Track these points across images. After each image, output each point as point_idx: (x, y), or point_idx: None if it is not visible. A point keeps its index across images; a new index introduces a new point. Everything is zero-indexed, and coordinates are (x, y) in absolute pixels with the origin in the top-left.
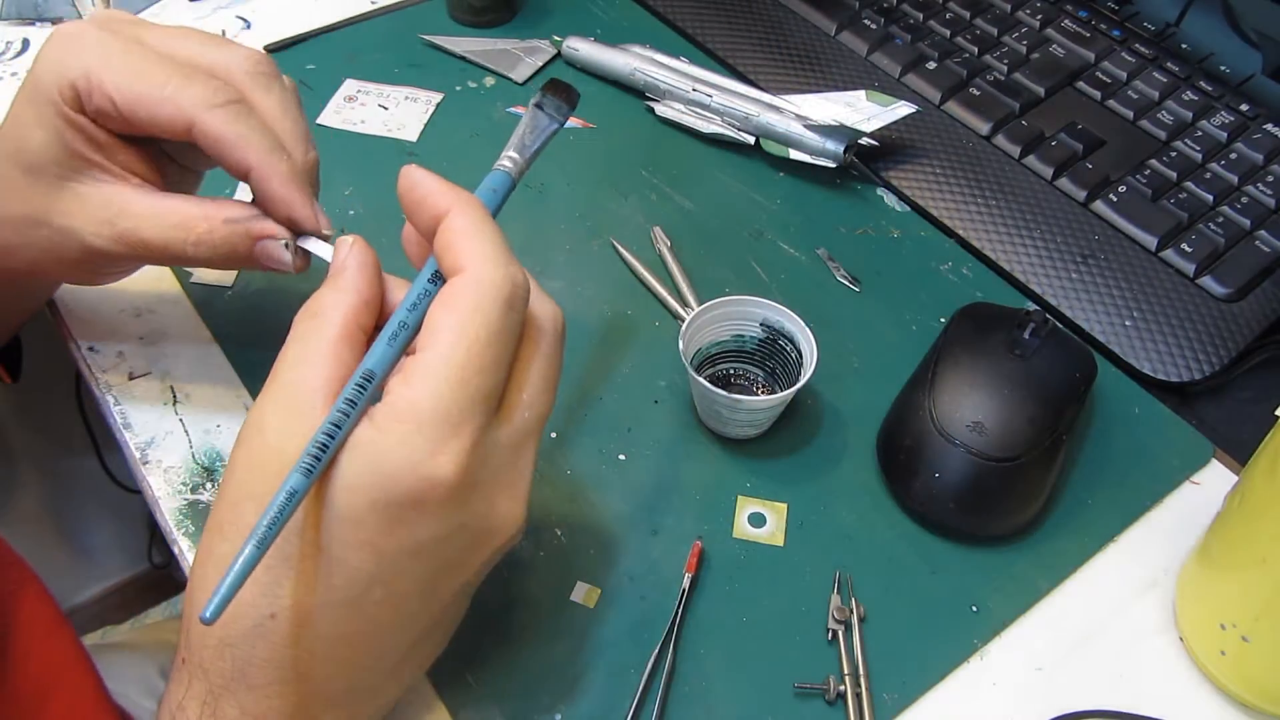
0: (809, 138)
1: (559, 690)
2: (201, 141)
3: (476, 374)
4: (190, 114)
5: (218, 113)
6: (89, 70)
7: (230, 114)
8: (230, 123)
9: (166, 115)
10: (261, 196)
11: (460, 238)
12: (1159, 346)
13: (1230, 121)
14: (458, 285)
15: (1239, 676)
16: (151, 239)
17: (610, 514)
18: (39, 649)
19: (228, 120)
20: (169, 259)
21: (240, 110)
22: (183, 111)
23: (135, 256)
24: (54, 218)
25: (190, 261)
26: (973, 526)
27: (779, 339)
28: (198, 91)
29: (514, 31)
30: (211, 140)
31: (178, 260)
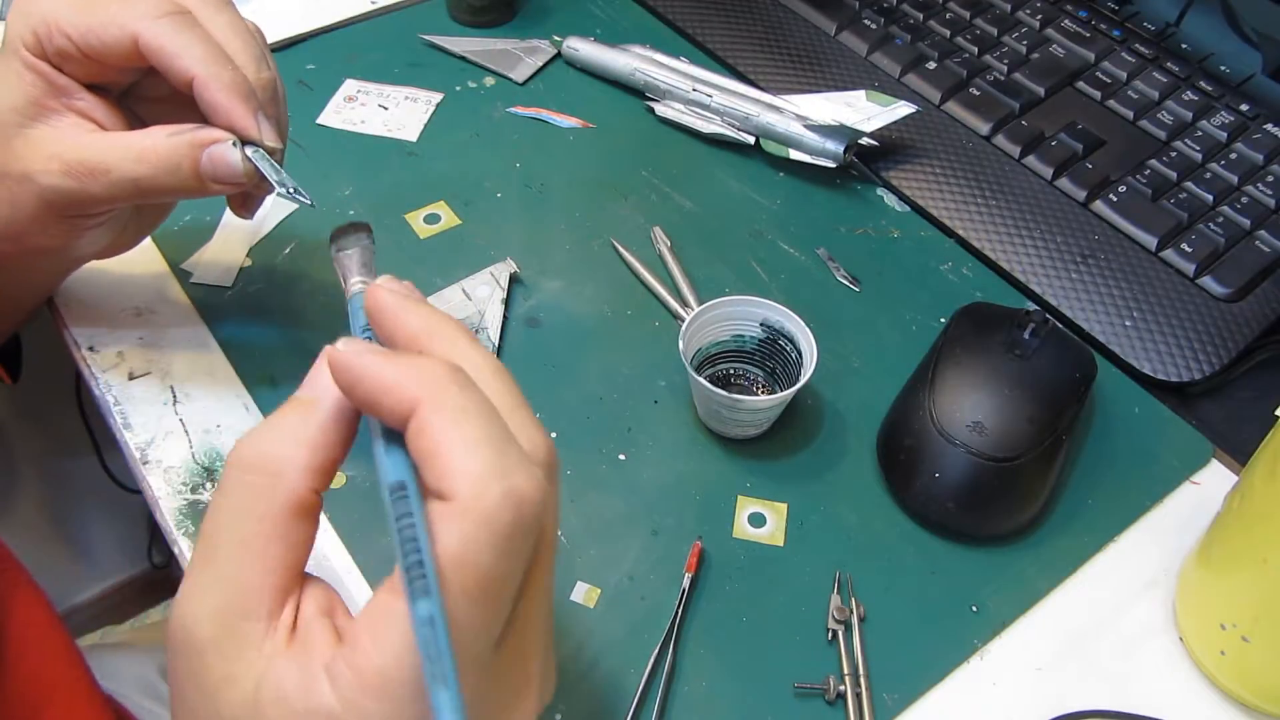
0: (809, 138)
1: (559, 690)
2: (147, 55)
3: (473, 635)
4: (133, 28)
5: (160, 23)
6: (45, 14)
7: (172, 24)
8: (172, 33)
9: (113, 36)
10: (204, 106)
11: (440, 447)
12: (1159, 346)
13: (1230, 121)
14: (437, 518)
15: (1239, 676)
16: (96, 163)
17: (610, 514)
18: (34, 652)
19: (169, 30)
20: (123, 188)
21: (183, 21)
22: (125, 28)
23: (90, 193)
24: (10, 165)
25: (145, 188)
26: (973, 526)
27: (779, 339)
28: (139, 6)
29: (514, 31)
30: (154, 52)
31: (133, 188)
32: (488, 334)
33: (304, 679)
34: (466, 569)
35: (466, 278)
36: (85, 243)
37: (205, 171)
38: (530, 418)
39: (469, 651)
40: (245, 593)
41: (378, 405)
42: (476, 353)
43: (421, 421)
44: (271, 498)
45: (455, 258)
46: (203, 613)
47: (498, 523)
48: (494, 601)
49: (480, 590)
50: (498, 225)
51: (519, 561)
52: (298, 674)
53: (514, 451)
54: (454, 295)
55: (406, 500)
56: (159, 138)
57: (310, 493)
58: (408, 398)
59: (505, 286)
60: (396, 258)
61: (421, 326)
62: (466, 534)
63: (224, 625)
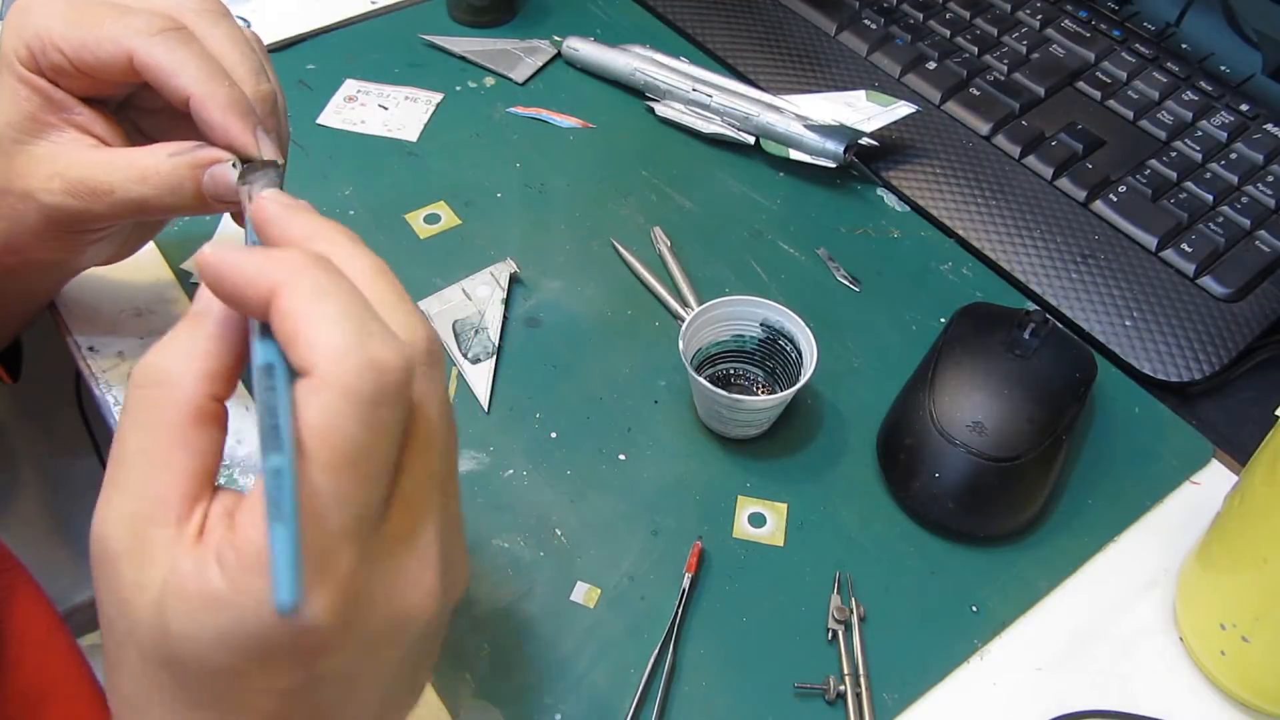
0: (809, 138)
1: (559, 690)
2: (142, 73)
3: (338, 505)
4: (128, 45)
5: (155, 40)
6: (38, 29)
7: (167, 41)
8: (166, 50)
9: (107, 53)
10: (202, 125)
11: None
12: (1159, 346)
13: (1230, 121)
14: (301, 394)
15: (1239, 676)
16: (99, 183)
17: (610, 514)
18: (35, 652)
19: (165, 47)
20: (125, 207)
21: (180, 37)
22: (120, 44)
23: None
24: (12, 182)
25: (148, 207)
26: (973, 526)
27: (779, 339)
28: (134, 22)
29: (514, 31)
30: (150, 70)
31: (136, 208)
32: (488, 334)
33: (198, 568)
34: (327, 438)
35: (466, 278)
36: (88, 256)
37: (207, 190)
38: (410, 308)
39: (334, 522)
40: (152, 501)
41: (243, 298)
42: (357, 250)
43: (282, 305)
44: (168, 407)
45: (455, 258)
46: (113, 525)
47: (357, 392)
48: (358, 472)
49: (342, 459)
50: (498, 225)
51: (384, 433)
52: (193, 565)
53: (376, 325)
54: (454, 295)
55: (271, 379)
56: (161, 158)
57: (208, 399)
58: (266, 285)
59: (505, 286)
60: (396, 258)
61: (304, 232)
62: (325, 404)
63: (134, 535)
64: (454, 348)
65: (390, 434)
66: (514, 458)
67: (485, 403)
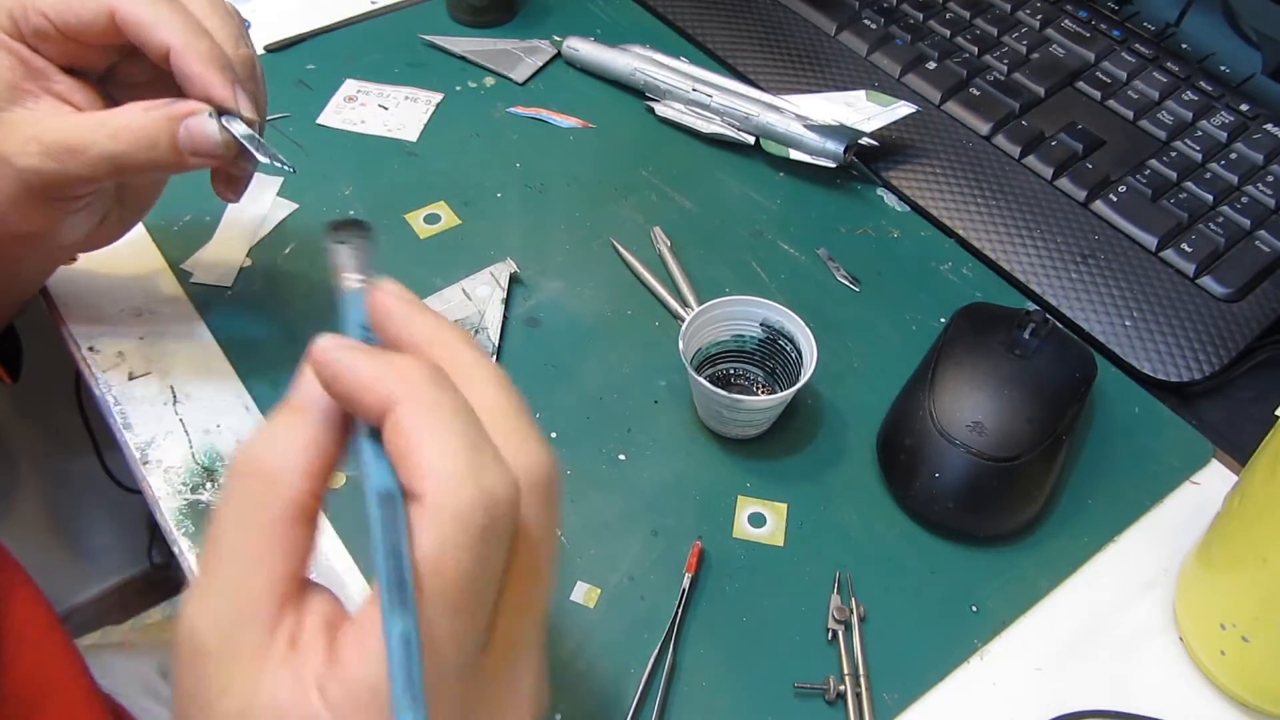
0: (809, 138)
1: (559, 690)
2: (124, 29)
3: (452, 643)
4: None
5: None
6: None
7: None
8: (148, 5)
9: (90, 11)
10: (180, 77)
11: (412, 447)
12: (1159, 346)
13: (1230, 121)
14: (418, 524)
15: (1239, 676)
16: (74, 142)
17: (610, 514)
18: (32, 652)
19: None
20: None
21: None
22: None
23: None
24: None
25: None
26: (973, 526)
27: (779, 339)
28: None
29: (514, 31)
30: (131, 25)
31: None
32: (488, 334)
33: (296, 691)
34: (440, 571)
35: (466, 278)
36: (68, 229)
37: (183, 144)
38: (528, 426)
39: (447, 658)
40: (245, 601)
41: (357, 402)
42: (477, 359)
43: (396, 419)
44: (269, 504)
45: (455, 258)
46: (203, 622)
47: (471, 524)
48: (470, 606)
49: (456, 594)
50: (498, 225)
51: (492, 566)
52: (291, 686)
53: (490, 454)
54: (454, 295)
55: (394, 511)
56: (135, 113)
57: (308, 496)
58: (383, 394)
59: (505, 286)
60: (396, 258)
61: (426, 335)
62: (440, 536)
63: (223, 635)
64: None
65: (498, 567)
66: None
67: None
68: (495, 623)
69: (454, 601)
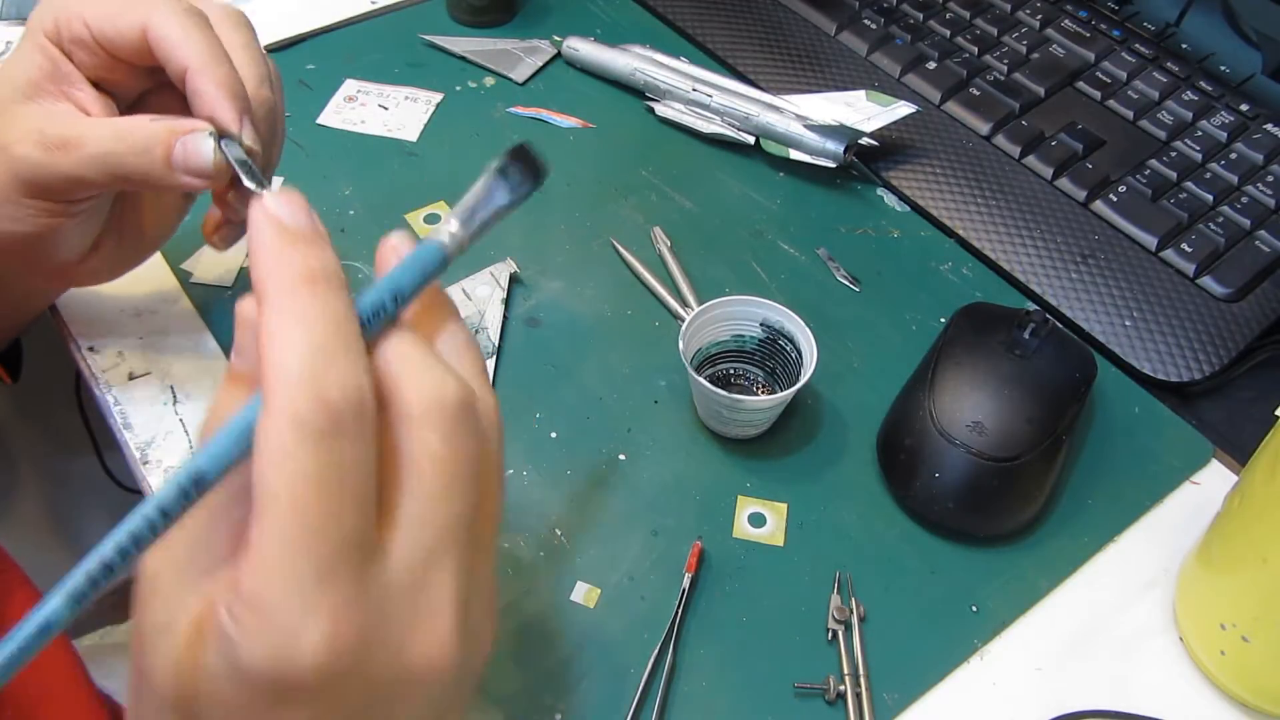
0: (809, 138)
1: (559, 690)
2: (152, 45)
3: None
4: (146, 15)
5: (171, 13)
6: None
7: (184, 15)
8: (180, 25)
9: (126, 23)
10: (192, 95)
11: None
12: (1159, 346)
13: (1230, 121)
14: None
15: (1239, 676)
16: (71, 135)
17: (610, 514)
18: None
19: (178, 22)
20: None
21: (196, 19)
22: (139, 15)
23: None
24: None
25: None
26: (973, 526)
27: (779, 339)
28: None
29: (514, 31)
30: (160, 40)
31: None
32: (488, 334)
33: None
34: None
35: (466, 278)
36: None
37: (176, 159)
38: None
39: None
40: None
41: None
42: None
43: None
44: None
45: (455, 258)
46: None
47: (307, 415)
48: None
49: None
50: (498, 225)
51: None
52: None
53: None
54: (454, 295)
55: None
56: (138, 120)
57: None
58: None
59: (505, 286)
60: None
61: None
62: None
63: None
64: None
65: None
66: (514, 458)
67: None
68: (393, 536)
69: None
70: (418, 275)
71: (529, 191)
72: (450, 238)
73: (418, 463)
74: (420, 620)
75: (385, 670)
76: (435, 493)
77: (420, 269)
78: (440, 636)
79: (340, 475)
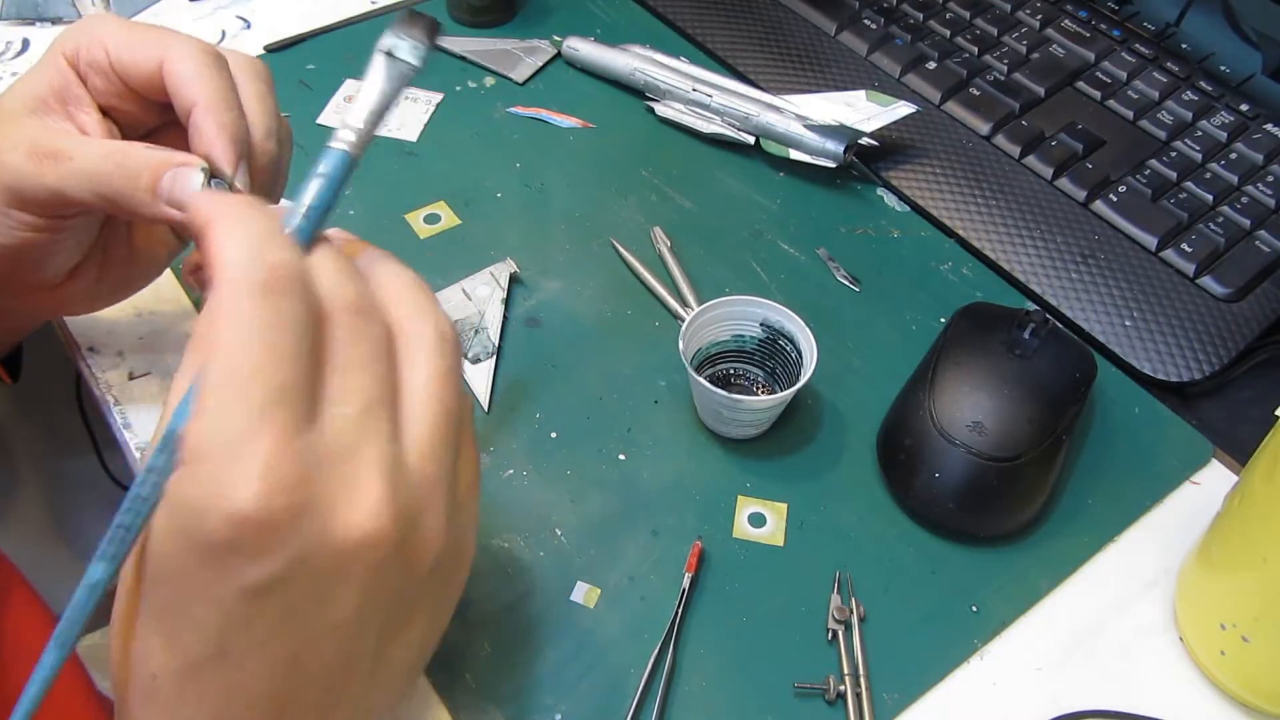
0: (809, 138)
1: (559, 690)
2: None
3: (248, 381)
4: (164, 50)
5: (188, 52)
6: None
7: (201, 55)
8: (195, 63)
9: (144, 54)
10: (192, 131)
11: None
12: (1159, 346)
13: (1230, 121)
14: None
15: (1239, 676)
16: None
17: (610, 514)
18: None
19: (194, 60)
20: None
21: (213, 60)
22: (158, 48)
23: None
24: None
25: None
26: (973, 526)
27: (779, 339)
28: (179, 36)
29: (514, 31)
30: (172, 76)
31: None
32: (488, 334)
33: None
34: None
35: (466, 278)
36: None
37: (163, 188)
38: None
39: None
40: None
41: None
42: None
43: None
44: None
45: (455, 258)
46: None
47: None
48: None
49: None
50: (498, 225)
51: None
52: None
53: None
54: (454, 295)
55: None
56: (134, 145)
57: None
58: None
59: (505, 286)
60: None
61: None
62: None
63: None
64: None
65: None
66: (514, 458)
67: (485, 403)
68: (320, 407)
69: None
70: (334, 184)
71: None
72: (348, 144)
73: (339, 341)
74: (349, 489)
75: (317, 537)
76: (354, 365)
77: (335, 178)
78: (368, 507)
79: (278, 328)
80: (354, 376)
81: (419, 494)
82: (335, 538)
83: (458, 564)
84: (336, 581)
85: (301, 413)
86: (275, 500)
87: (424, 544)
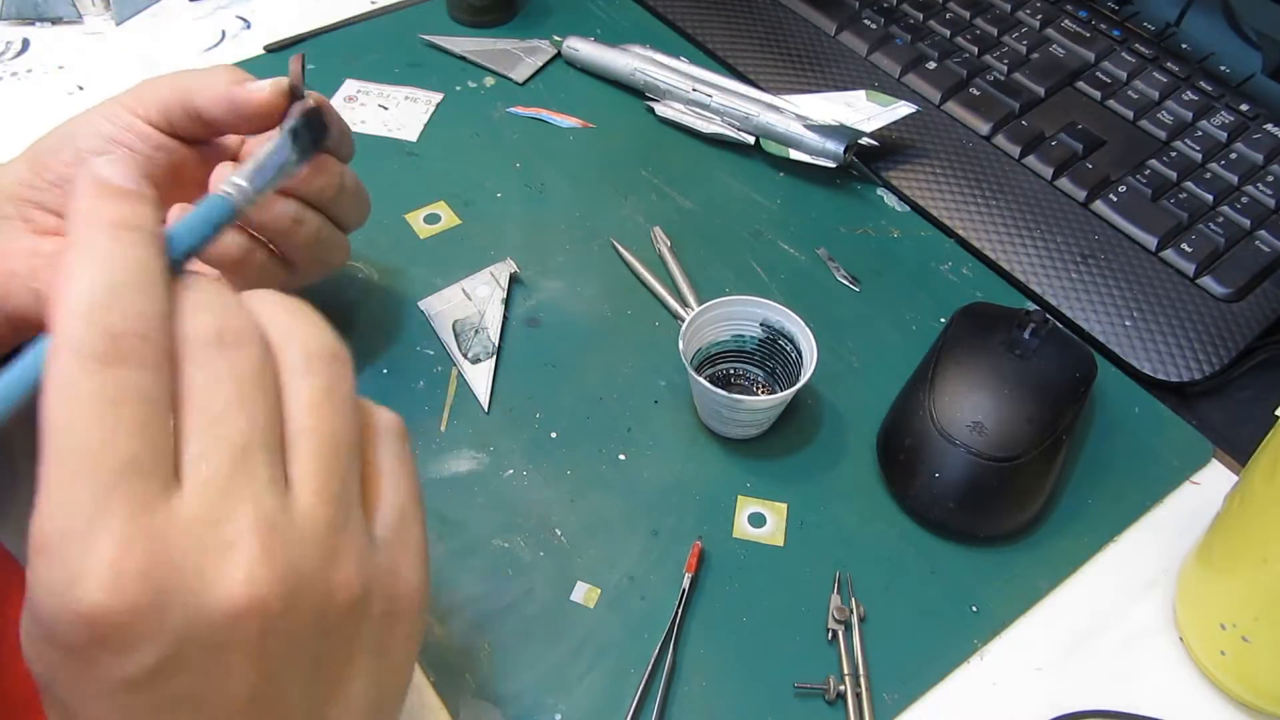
0: (809, 138)
1: (559, 690)
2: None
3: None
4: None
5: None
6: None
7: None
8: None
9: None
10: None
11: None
12: (1159, 346)
13: (1230, 121)
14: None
15: (1239, 676)
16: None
17: (610, 514)
18: None
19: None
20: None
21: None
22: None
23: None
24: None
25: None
26: (973, 526)
27: (779, 339)
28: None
29: (514, 31)
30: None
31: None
32: (488, 334)
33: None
34: (52, 390)
35: (466, 278)
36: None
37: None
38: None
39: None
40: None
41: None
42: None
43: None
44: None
45: (455, 258)
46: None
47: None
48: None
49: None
50: (498, 225)
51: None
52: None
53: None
54: (454, 295)
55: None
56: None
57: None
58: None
59: (505, 286)
60: (397, 258)
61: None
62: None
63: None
64: (454, 348)
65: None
66: (514, 458)
67: (485, 403)
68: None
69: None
70: (210, 225)
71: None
72: (238, 190)
73: (200, 386)
74: (218, 557)
75: (190, 616)
76: (216, 414)
77: (212, 220)
78: (241, 574)
79: (119, 402)
80: (220, 424)
81: (309, 544)
82: (210, 613)
83: (395, 604)
84: (226, 656)
85: (156, 484)
86: (128, 589)
87: (330, 596)
